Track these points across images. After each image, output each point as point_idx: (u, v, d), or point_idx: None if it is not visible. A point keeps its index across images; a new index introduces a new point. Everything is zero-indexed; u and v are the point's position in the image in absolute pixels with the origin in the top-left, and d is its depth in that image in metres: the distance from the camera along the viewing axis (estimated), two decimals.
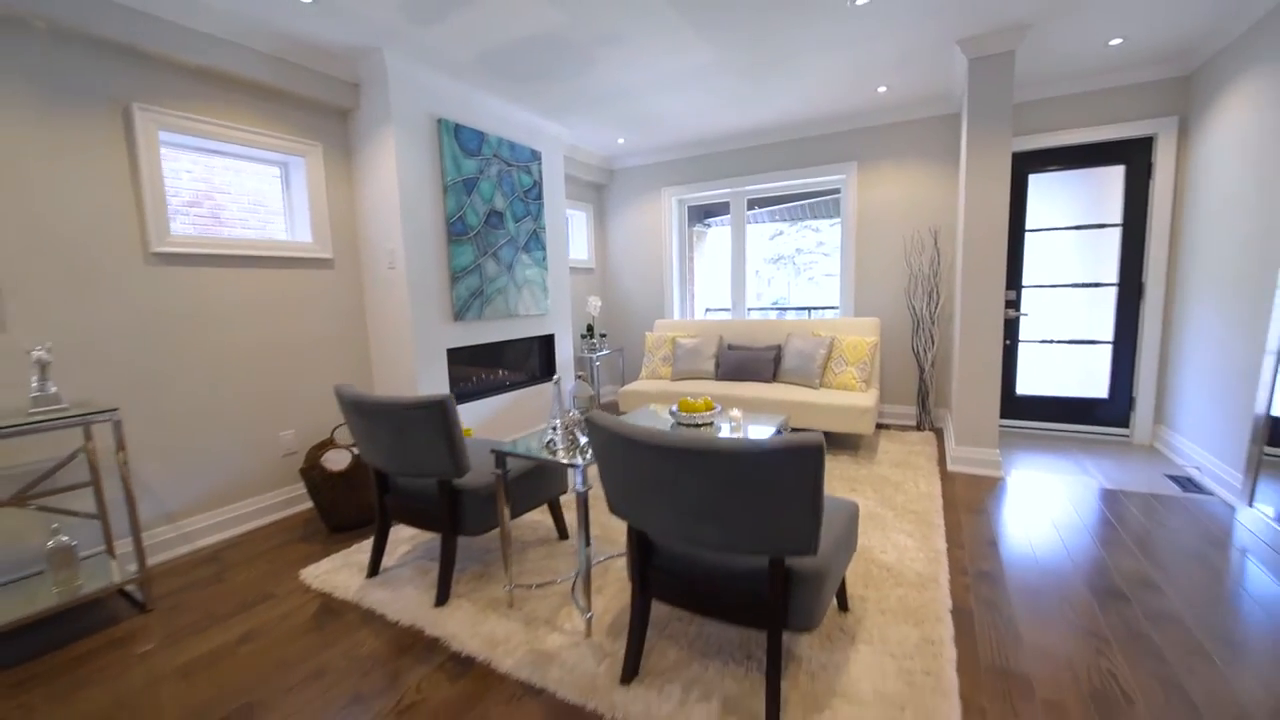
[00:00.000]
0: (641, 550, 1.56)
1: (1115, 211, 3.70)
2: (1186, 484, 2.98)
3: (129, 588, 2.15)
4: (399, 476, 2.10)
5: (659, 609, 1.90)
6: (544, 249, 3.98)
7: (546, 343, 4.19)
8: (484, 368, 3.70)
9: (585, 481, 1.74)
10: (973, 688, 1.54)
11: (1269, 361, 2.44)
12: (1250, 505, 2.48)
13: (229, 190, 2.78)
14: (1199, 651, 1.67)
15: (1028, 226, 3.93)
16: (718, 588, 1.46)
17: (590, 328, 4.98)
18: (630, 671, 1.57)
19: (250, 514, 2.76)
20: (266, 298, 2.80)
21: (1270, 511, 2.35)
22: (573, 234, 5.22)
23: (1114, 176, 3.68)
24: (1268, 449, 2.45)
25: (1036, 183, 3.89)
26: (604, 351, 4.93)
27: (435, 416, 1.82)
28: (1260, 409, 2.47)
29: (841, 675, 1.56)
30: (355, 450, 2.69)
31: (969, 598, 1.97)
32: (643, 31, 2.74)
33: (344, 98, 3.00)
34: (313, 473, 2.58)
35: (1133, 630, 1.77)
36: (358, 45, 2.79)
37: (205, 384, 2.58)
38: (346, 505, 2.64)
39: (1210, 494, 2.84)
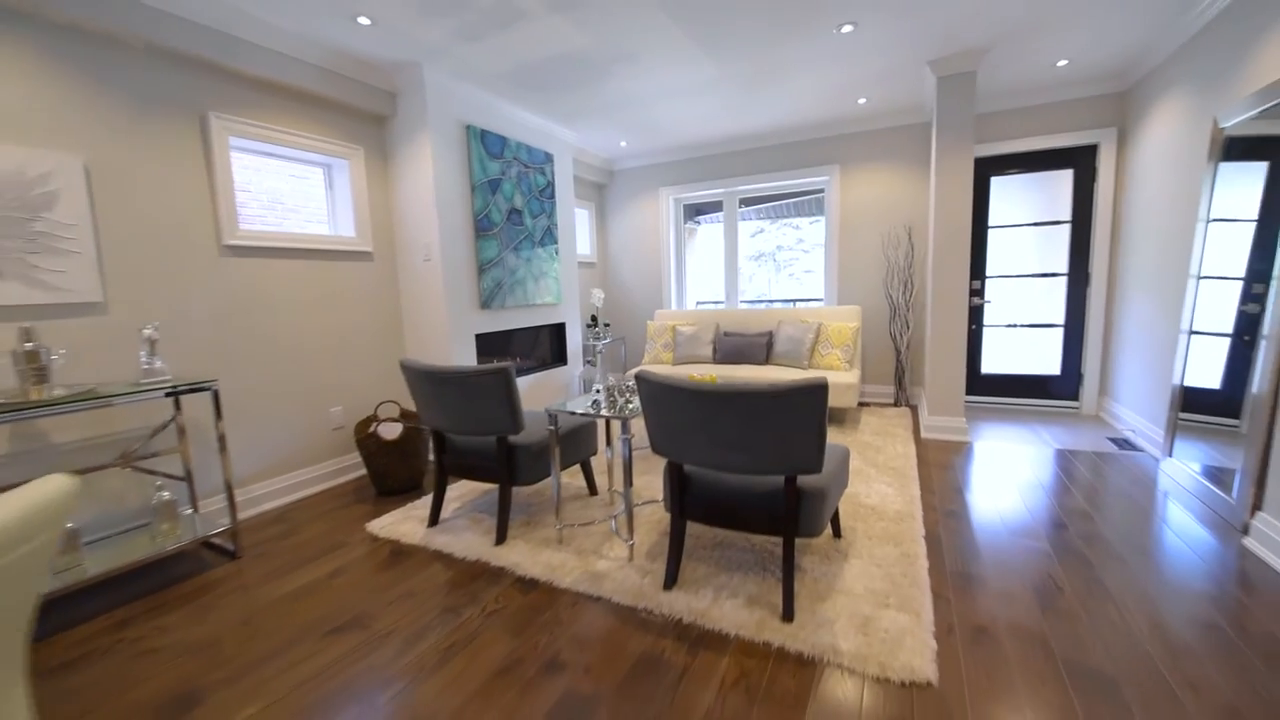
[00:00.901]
0: (678, 482, 1.93)
1: (1065, 210, 4.19)
2: (1123, 444, 3.47)
3: (216, 539, 2.45)
4: (461, 436, 2.45)
5: (687, 542, 2.28)
6: (556, 244, 4.33)
7: (558, 330, 4.53)
8: (506, 353, 4.03)
9: (628, 431, 2.10)
10: (940, 584, 1.95)
11: (1183, 340, 2.93)
12: (1170, 456, 2.97)
13: (278, 189, 3.07)
14: (1118, 558, 2.11)
15: (990, 223, 4.41)
16: (742, 506, 1.84)
17: (594, 318, 5.32)
18: (670, 580, 1.95)
19: (305, 482, 3.06)
20: (316, 287, 3.10)
21: (1182, 461, 2.84)
22: (577, 230, 5.55)
23: (1064, 179, 4.18)
24: (1182, 413, 2.93)
25: (998, 184, 4.36)
26: (608, 340, 5.28)
27: (500, 382, 2.17)
28: (1176, 380, 2.96)
29: (839, 579, 1.96)
30: (404, 423, 3.01)
31: (938, 528, 2.39)
32: (655, 51, 3.11)
33: (382, 105, 3.31)
34: (368, 442, 2.90)
35: (1069, 547, 2.21)
36: (401, 60, 3.10)
37: (265, 363, 2.87)
38: (397, 471, 2.96)
39: (1141, 450, 3.33)
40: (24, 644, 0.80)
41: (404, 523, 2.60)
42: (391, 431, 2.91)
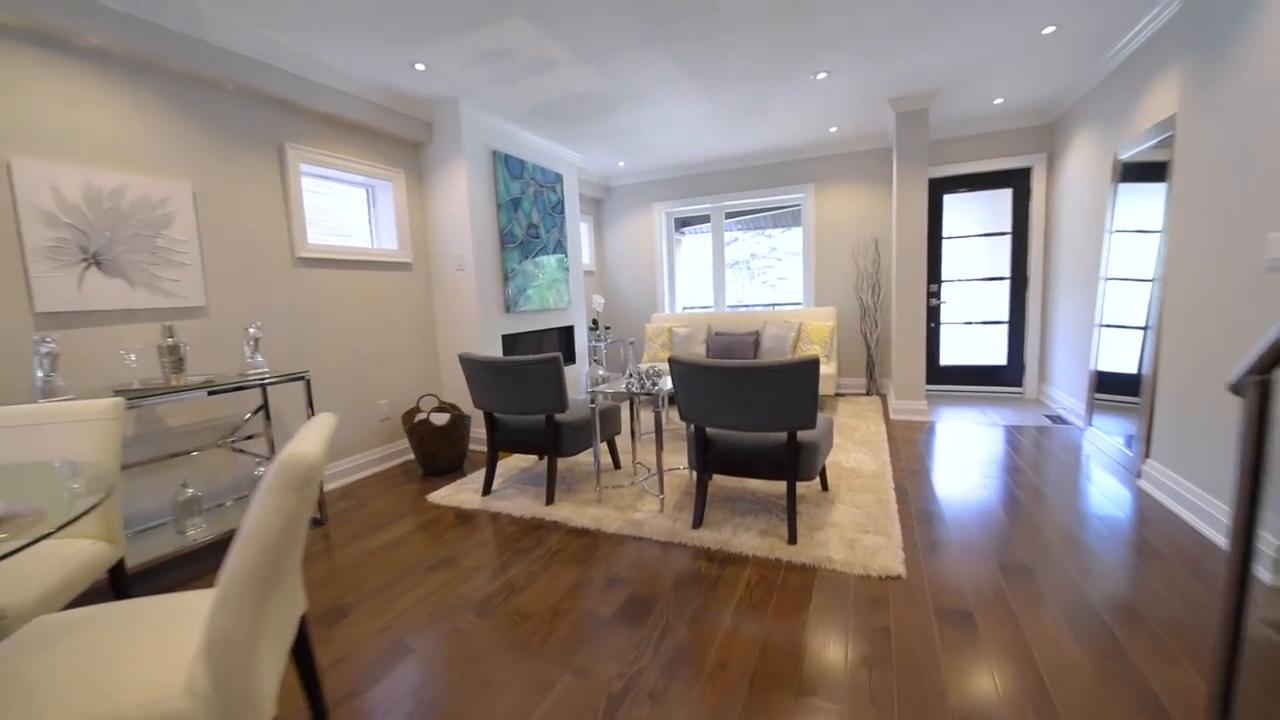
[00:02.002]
0: (703, 443, 2.43)
1: (1007, 222, 4.88)
2: (1057, 420, 4.12)
3: None
4: (511, 416, 2.90)
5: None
6: (565, 254, 4.81)
7: (568, 332, 5.00)
8: (526, 352, 4.48)
9: (661, 405, 2.60)
10: (906, 518, 2.50)
11: (1095, 333, 3.58)
12: (1090, 427, 3.61)
13: (329, 208, 3.48)
14: (1041, 496, 2.69)
15: (944, 234, 5.07)
16: (754, 458, 2.35)
17: (595, 321, 5.81)
18: (697, 521, 2.45)
19: (358, 466, 3.45)
20: (364, 294, 3.51)
21: (1100, 430, 3.47)
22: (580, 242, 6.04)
23: (1005, 196, 4.86)
24: (1099, 393, 3.58)
25: (950, 200, 5.03)
26: (609, 341, 5.77)
27: (552, 369, 2.64)
28: (1092, 366, 3.61)
29: (829, 517, 2.49)
30: (449, 412, 3.43)
31: (904, 482, 2.95)
32: (660, 90, 3.64)
33: (419, 134, 3.75)
34: (420, 428, 3.32)
35: (1007, 492, 2.78)
36: (441, 96, 3.57)
37: (326, 361, 3.27)
38: (444, 453, 3.39)
39: (1071, 424, 3.97)
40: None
41: (460, 494, 3.03)
42: (440, 419, 3.34)
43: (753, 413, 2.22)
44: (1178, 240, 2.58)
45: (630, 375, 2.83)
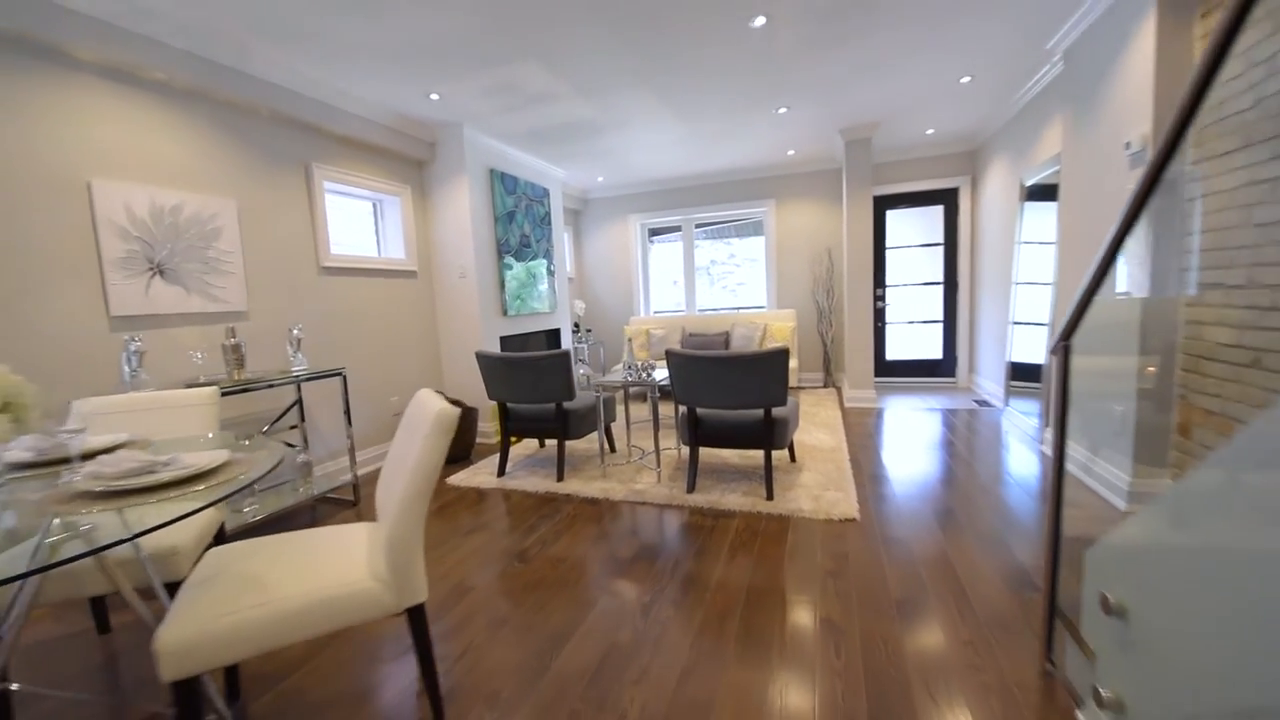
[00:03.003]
0: (694, 422, 2.91)
1: (939, 235, 5.60)
2: (983, 403, 4.82)
3: (332, 494, 3.15)
4: (523, 405, 3.30)
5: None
6: (552, 262, 5.22)
7: (555, 334, 5.41)
8: (520, 351, 4.85)
9: (656, 393, 3.06)
10: (860, 479, 3.05)
11: (1010, 330, 4.28)
12: (1007, 408, 4.30)
13: (340, 221, 3.79)
14: (966, 463, 3.30)
15: (888, 245, 5.76)
16: (736, 432, 2.84)
17: (577, 324, 6.23)
18: (690, 487, 2.92)
19: (375, 457, 3.76)
20: (376, 299, 3.83)
21: (1014, 410, 4.16)
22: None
23: (938, 212, 5.59)
24: (1013, 381, 4.27)
25: (892, 215, 5.73)
26: (590, 343, 6.21)
27: (563, 362, 3.07)
28: (1008, 358, 4.30)
29: (798, 480, 3.01)
30: (459, 406, 3.78)
31: (858, 454, 3.51)
32: (644, 119, 4.13)
33: (424, 153, 4.11)
34: None
35: (942, 460, 3.38)
36: (448, 121, 3.94)
37: (345, 360, 3.58)
38: (455, 444, 3.74)
39: (993, 406, 4.68)
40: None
41: (475, 476, 3.40)
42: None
43: (735, 394, 2.71)
44: (1063, 251, 3.25)
45: (629, 368, 3.29)
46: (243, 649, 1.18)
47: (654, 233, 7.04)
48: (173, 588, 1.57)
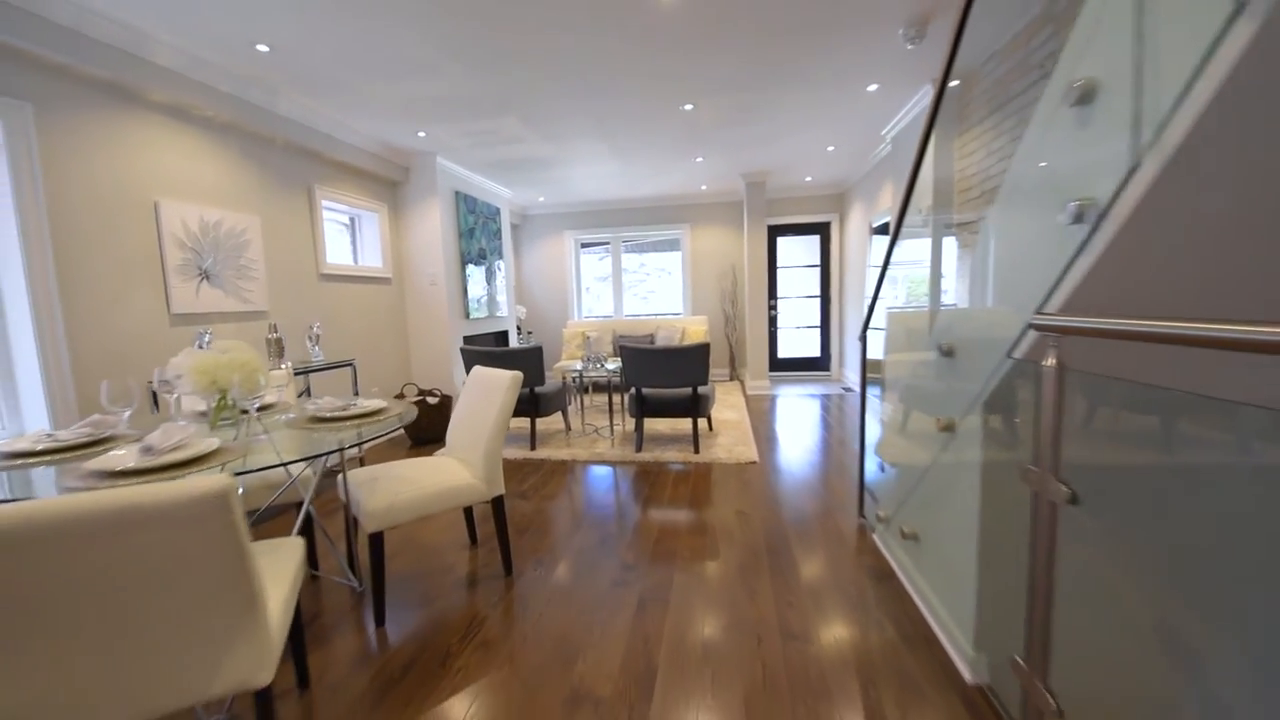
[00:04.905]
0: (640, 399, 3.88)
1: (817, 259, 7.06)
2: (848, 389, 6.26)
3: (335, 468, 3.73)
4: None
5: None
6: (502, 272, 5.96)
7: (503, 335, 6.13)
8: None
9: (616, 380, 3.98)
10: (759, 440, 4.19)
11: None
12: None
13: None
14: (832, 429, 4.56)
15: (779, 265, 7.13)
16: (672, 404, 3.85)
17: (520, 327, 6.97)
18: (638, 448, 3.88)
19: None
20: (359, 303, 4.40)
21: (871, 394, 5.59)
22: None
23: (816, 241, 7.04)
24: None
25: (782, 241, 7.10)
26: (531, 344, 6.95)
27: (535, 354, 3.90)
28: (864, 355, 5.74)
29: (716, 441, 4.08)
30: (435, 395, 4.45)
31: (757, 424, 4.68)
32: (590, 158, 5.05)
33: (398, 175, 4.73)
34: (418, 404, 4.30)
35: (814, 428, 4.62)
36: (424, 150, 4.60)
37: (338, 354, 4.13)
38: (431, 426, 4.40)
39: (855, 391, 6.12)
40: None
41: None
42: (434, 399, 4.36)
43: (672, 376, 3.72)
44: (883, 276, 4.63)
45: (589, 360, 4.18)
46: (409, 514, 1.96)
47: (582, 245, 7.95)
48: (297, 505, 2.25)
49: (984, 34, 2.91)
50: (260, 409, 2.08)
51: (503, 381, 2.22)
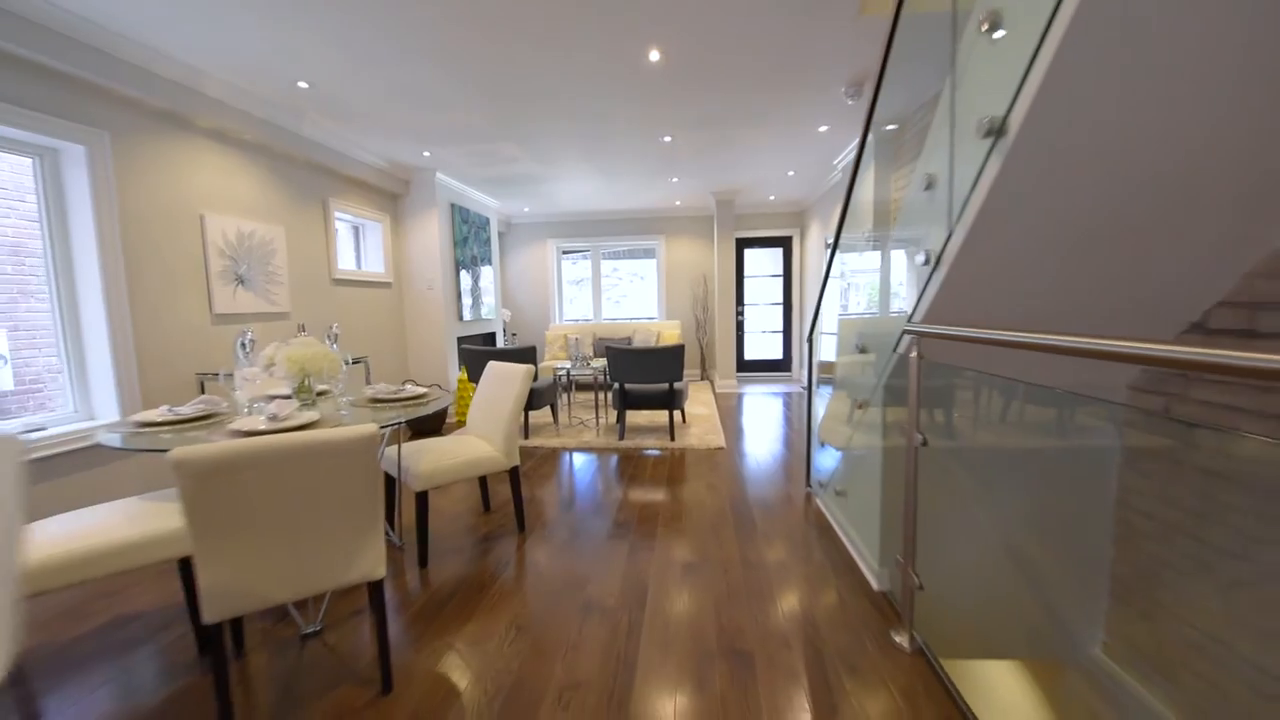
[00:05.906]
0: (623, 393, 4.40)
1: (781, 269, 7.73)
2: (805, 388, 6.91)
3: None
4: None
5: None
6: (492, 278, 6.41)
7: (491, 337, 6.57)
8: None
9: (601, 377, 4.50)
10: (726, 430, 4.76)
11: (819, 337, 6.40)
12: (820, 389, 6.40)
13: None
14: (790, 423, 5.18)
15: (746, 275, 7.77)
16: (651, 398, 4.39)
17: (506, 329, 7.40)
18: (620, 437, 4.41)
19: None
20: (363, 305, 4.80)
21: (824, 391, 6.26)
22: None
23: (779, 253, 7.71)
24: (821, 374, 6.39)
25: (749, 253, 7.75)
26: (515, 346, 7.39)
27: (531, 353, 4.39)
28: (820, 357, 6.43)
29: (689, 431, 4.64)
30: (436, 388, 4.87)
31: (725, 418, 5.26)
32: (576, 175, 5.56)
33: (399, 188, 5.14)
34: None
35: (775, 421, 5.23)
36: (424, 166, 5.03)
37: (345, 353, 4.52)
38: (430, 418, 4.82)
39: None
40: None
41: None
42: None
43: (651, 373, 4.26)
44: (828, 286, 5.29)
45: (577, 359, 4.68)
46: (449, 477, 2.44)
47: (563, 253, 8.43)
48: None
49: (902, 98, 3.57)
50: (319, 394, 2.53)
51: (518, 373, 2.71)
